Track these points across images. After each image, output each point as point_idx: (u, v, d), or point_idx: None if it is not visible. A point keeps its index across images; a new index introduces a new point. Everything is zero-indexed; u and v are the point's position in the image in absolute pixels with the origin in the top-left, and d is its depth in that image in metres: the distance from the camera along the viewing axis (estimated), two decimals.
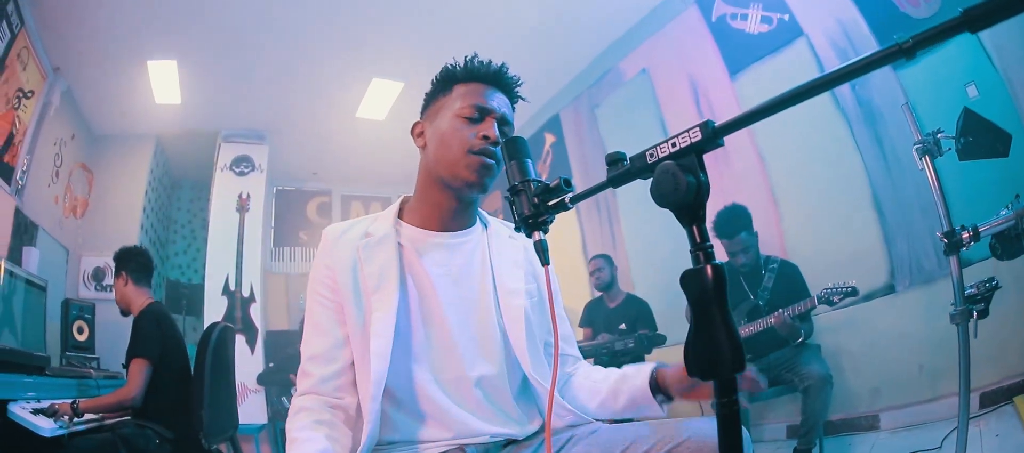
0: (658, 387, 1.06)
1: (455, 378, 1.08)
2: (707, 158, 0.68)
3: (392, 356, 1.03)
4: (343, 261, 1.10)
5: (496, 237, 1.20)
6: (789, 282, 3.00)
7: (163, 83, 4.61)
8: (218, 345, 2.48)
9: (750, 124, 0.67)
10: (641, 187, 0.82)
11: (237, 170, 5.32)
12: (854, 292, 2.68)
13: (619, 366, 1.37)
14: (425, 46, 4.30)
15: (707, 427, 0.93)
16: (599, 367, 1.22)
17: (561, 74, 5.02)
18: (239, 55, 4.44)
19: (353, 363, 1.08)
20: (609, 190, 0.79)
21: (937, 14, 2.96)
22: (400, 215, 1.18)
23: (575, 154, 5.22)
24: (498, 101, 1.14)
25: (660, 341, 3.53)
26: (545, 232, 0.86)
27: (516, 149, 0.92)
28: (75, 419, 2.29)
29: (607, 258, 4.07)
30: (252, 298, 5.03)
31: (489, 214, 1.27)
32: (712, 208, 3.22)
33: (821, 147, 3.44)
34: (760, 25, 3.67)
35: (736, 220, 3.04)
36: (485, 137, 1.08)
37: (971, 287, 1.99)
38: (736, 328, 0.62)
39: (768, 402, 3.31)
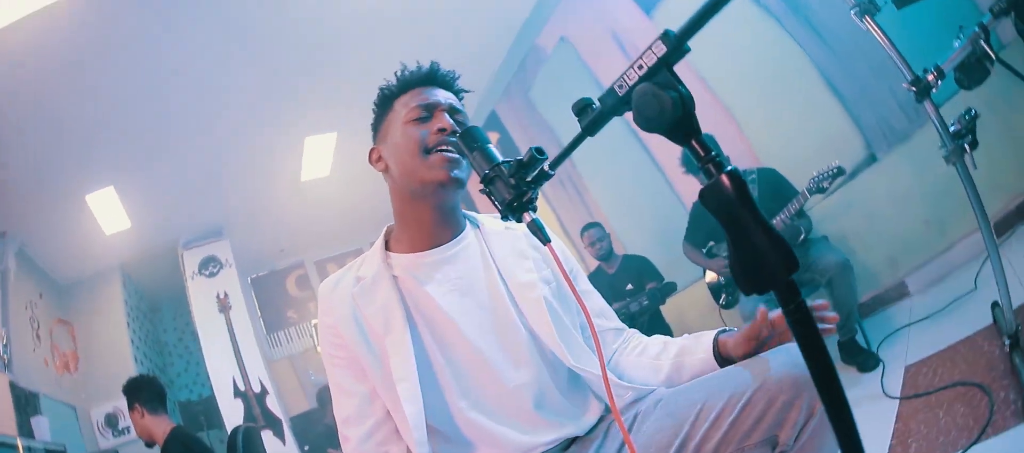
0: (721, 356, 0.99)
1: (494, 395, 1.02)
2: None
3: (423, 394, 0.97)
4: (342, 314, 1.04)
5: (491, 234, 1.13)
6: (774, 187, 2.96)
7: (108, 213, 4.52)
8: (246, 447, 2.38)
9: (707, 21, 0.61)
10: (597, 149, 0.78)
11: (207, 273, 5.22)
12: (841, 171, 2.65)
13: (636, 326, 1.30)
14: (343, 91, 4.22)
15: (776, 364, 0.86)
16: (653, 339, 1.12)
17: (484, 69, 4.94)
18: (173, 161, 4.34)
19: (389, 412, 1.02)
20: (573, 169, 0.74)
21: None
22: (387, 247, 1.11)
23: (524, 144, 5.12)
24: (441, 95, 1.10)
25: (671, 289, 3.49)
26: (534, 210, 0.80)
27: (473, 139, 0.88)
28: None
29: (598, 226, 3.91)
30: (265, 391, 4.91)
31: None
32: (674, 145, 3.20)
33: (755, 50, 3.40)
34: None
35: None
36: (440, 130, 1.04)
37: (953, 125, 1.95)
38: (773, 227, 0.58)
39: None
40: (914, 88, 1.91)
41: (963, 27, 2.04)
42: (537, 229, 0.80)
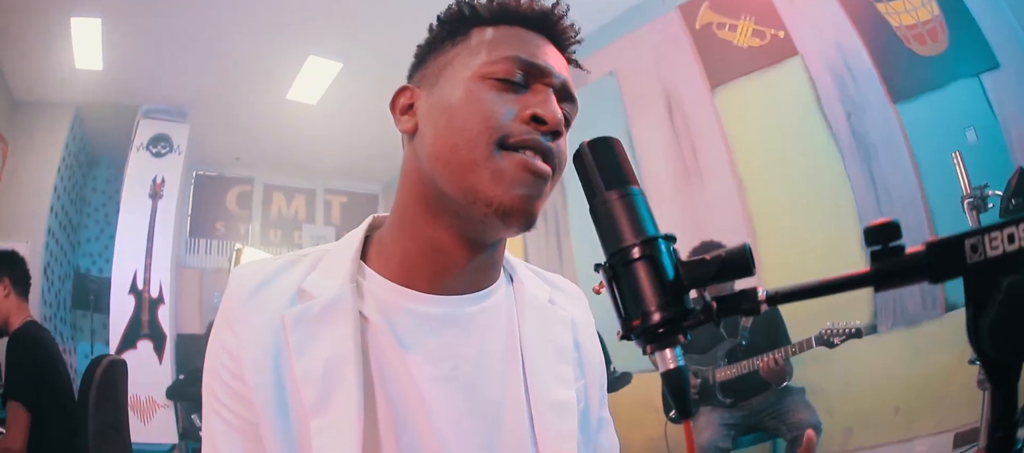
0: None
1: None
2: (673, 165, 0.37)
3: None
4: (255, 344, 0.60)
5: (527, 298, 0.71)
6: (769, 323, 2.82)
7: (85, 45, 4.11)
8: (104, 384, 2.02)
9: None
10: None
11: (154, 151, 4.76)
12: (858, 334, 2.50)
13: None
14: (371, 26, 3.97)
15: None
16: None
17: None
18: (169, 19, 3.95)
19: None
20: (559, 200, 0.45)
21: (945, 54, 2.89)
22: (365, 256, 0.68)
23: None
24: (555, 58, 0.65)
25: (625, 381, 3.21)
26: (679, 345, 0.42)
27: (613, 161, 0.48)
28: None
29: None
30: (161, 300, 4.49)
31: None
32: (689, 242, 3.02)
33: (808, 176, 3.30)
34: (751, 38, 3.48)
35: None
36: (536, 119, 0.60)
37: None
38: None
39: (749, 450, 3.13)
40: None
41: None
42: (679, 390, 0.42)
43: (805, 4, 3.35)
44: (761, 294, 0.39)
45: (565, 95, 0.64)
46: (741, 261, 0.39)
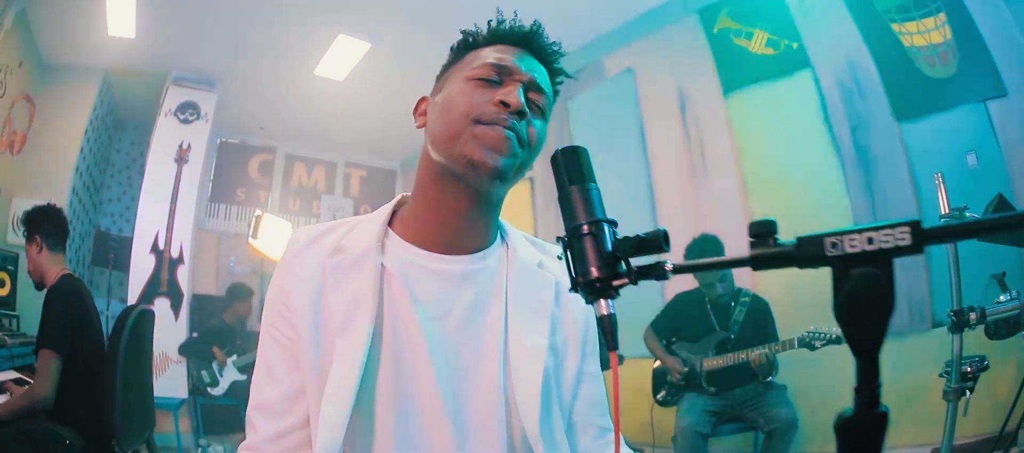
0: None
1: None
2: (684, 174, 0.50)
3: (349, 428, 0.75)
4: (304, 284, 0.82)
5: (518, 261, 0.88)
6: (759, 319, 2.96)
7: (119, 13, 4.20)
8: (135, 334, 2.14)
9: (965, 238, 0.48)
10: (609, 191, 0.61)
11: (181, 117, 4.88)
12: (838, 341, 2.63)
13: None
14: (401, 11, 4.12)
15: None
16: None
17: None
18: None
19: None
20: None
21: (953, 78, 2.94)
22: (391, 223, 0.88)
23: None
24: (527, 64, 0.84)
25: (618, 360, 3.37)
26: (613, 299, 0.57)
27: (577, 164, 0.63)
28: None
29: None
30: (180, 260, 4.63)
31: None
32: (690, 233, 3.12)
33: (809, 184, 3.37)
34: (765, 47, 3.55)
35: (719, 253, 2.93)
36: (503, 103, 0.79)
37: (966, 364, 1.99)
38: None
39: (728, 439, 3.23)
40: (954, 318, 1.92)
41: (1005, 275, 2.09)
42: (610, 330, 0.57)
43: (821, 18, 3.40)
44: (668, 265, 0.52)
45: (534, 88, 0.84)
46: (653, 240, 0.54)
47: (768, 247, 0.49)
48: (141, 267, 4.51)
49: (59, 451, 1.99)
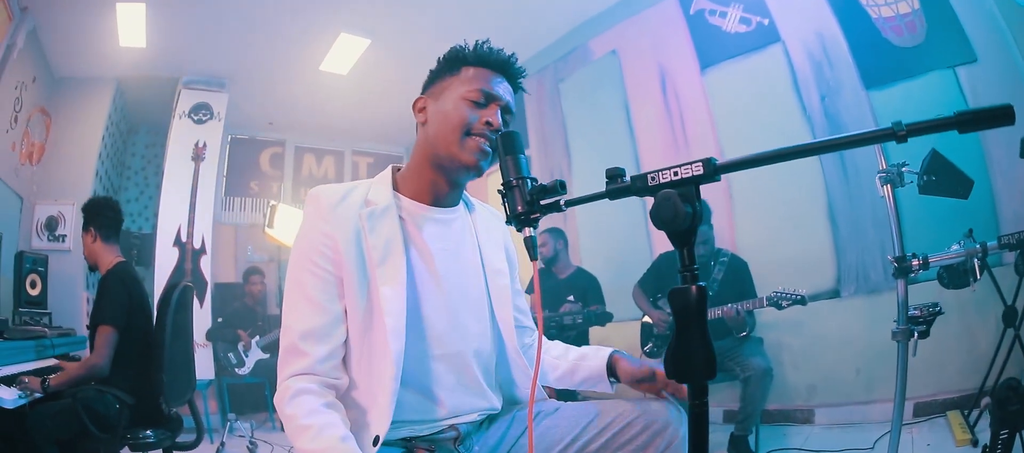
0: (612, 370, 1.20)
1: (455, 352, 1.13)
2: (664, 137, 0.76)
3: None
4: (346, 230, 1.08)
5: (480, 218, 1.26)
6: (737, 277, 3.12)
7: (129, 26, 4.41)
8: (179, 306, 2.41)
9: (749, 167, 0.75)
10: (599, 171, 0.86)
11: (195, 118, 5.13)
12: (802, 301, 2.79)
13: (563, 337, 1.61)
14: (397, 5, 4.33)
15: (658, 405, 1.09)
16: (557, 343, 1.32)
17: (529, 43, 4.95)
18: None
19: (345, 341, 1.07)
20: (564, 163, 0.85)
21: (921, 46, 3.05)
22: (393, 186, 1.18)
23: (534, 125, 5.21)
24: (503, 89, 1.16)
25: (607, 318, 3.53)
26: (535, 228, 0.91)
27: (512, 144, 0.97)
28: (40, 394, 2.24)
29: (554, 232, 3.90)
30: (203, 250, 4.90)
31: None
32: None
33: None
34: (738, 25, 3.73)
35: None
36: (487, 123, 1.11)
37: (915, 309, 2.11)
38: (711, 341, 0.71)
39: (710, 386, 3.43)
40: (896, 264, 2.06)
41: (973, 232, 2.20)
42: (531, 246, 0.91)
43: None
44: (562, 201, 0.78)
45: (507, 110, 1.16)
46: (553, 188, 0.86)
47: (617, 184, 0.73)
48: (165, 260, 4.78)
49: (111, 413, 2.26)
